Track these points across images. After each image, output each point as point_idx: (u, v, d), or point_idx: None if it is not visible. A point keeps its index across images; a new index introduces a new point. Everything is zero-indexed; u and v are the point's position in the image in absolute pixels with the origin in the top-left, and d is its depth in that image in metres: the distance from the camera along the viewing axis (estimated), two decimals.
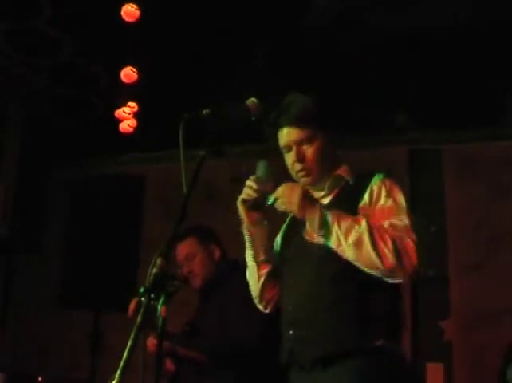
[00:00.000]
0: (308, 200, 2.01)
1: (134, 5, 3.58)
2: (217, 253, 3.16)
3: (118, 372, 1.44)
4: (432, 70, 4.33)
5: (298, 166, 2.16)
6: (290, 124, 2.17)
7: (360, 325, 1.97)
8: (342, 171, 2.22)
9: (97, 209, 4.52)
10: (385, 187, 2.08)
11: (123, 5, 3.59)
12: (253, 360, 2.76)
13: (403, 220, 1.99)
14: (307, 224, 2.03)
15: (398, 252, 1.88)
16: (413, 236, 1.94)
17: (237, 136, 2.13)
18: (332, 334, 1.98)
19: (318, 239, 2.01)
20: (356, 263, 1.94)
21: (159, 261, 1.57)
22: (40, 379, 4.01)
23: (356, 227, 1.92)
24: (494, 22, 3.98)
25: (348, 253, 1.93)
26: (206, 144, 1.81)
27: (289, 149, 2.18)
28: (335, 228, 1.93)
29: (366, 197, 2.08)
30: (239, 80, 4.08)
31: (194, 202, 1.73)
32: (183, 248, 3.12)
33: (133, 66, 3.97)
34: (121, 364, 1.45)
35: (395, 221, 1.99)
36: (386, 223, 1.98)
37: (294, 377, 2.10)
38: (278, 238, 2.35)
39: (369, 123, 4.67)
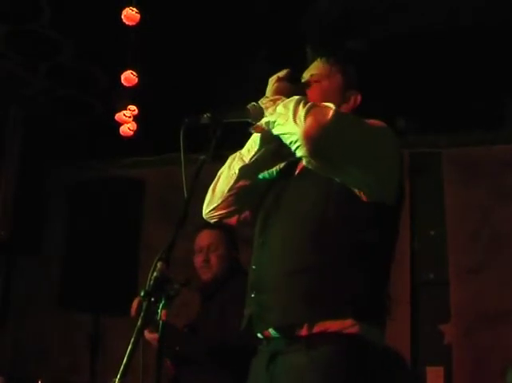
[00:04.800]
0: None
1: (134, 9, 3.58)
2: (233, 255, 3.16)
3: (118, 375, 1.44)
4: (432, 72, 4.34)
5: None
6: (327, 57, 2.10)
7: (334, 299, 1.74)
8: None
9: (97, 212, 4.50)
10: None
11: (123, 8, 3.59)
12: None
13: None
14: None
15: (309, 109, 1.71)
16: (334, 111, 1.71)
17: (237, 140, 2.12)
18: (299, 301, 1.77)
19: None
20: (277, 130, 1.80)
21: (159, 264, 1.57)
22: (39, 382, 4.00)
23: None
24: (495, 24, 3.99)
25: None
26: (207, 148, 1.81)
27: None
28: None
29: None
30: (240, 84, 4.08)
31: (192, 204, 1.73)
32: (209, 236, 3.11)
33: (134, 70, 3.97)
34: (121, 368, 1.45)
35: None
36: None
37: (255, 362, 1.95)
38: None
39: None
